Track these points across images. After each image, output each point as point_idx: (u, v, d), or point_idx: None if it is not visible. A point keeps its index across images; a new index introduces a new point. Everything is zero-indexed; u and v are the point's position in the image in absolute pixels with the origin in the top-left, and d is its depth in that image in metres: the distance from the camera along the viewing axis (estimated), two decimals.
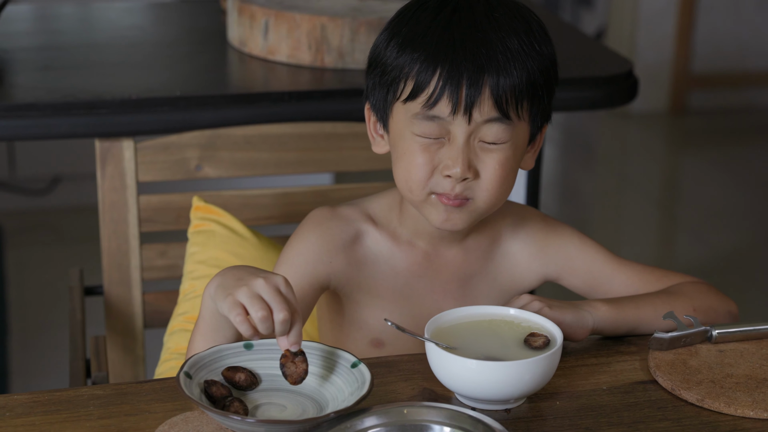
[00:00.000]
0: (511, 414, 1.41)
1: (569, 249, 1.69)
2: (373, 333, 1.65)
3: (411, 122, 1.52)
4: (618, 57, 2.33)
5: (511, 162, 1.54)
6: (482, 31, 1.50)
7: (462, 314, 1.48)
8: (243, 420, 1.29)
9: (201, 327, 1.46)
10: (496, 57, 1.48)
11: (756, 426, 1.40)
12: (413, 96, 1.50)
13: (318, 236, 1.62)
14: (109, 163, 2.02)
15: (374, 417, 1.32)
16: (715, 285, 1.70)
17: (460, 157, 1.50)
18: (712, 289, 1.67)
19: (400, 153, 1.55)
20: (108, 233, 2.06)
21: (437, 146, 1.52)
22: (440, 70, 1.48)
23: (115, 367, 2.12)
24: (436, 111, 1.49)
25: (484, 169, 1.52)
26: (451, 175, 1.51)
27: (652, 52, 5.41)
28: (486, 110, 1.49)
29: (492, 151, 1.52)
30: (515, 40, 1.50)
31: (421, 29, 1.51)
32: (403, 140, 1.54)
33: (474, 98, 1.48)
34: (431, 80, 1.48)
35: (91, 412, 1.39)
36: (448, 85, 1.48)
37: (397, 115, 1.55)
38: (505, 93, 1.49)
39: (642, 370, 1.52)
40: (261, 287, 1.35)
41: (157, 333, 2.14)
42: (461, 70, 1.47)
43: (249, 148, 2.05)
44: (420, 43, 1.50)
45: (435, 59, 1.48)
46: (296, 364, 1.37)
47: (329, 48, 2.18)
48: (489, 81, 1.48)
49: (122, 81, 2.13)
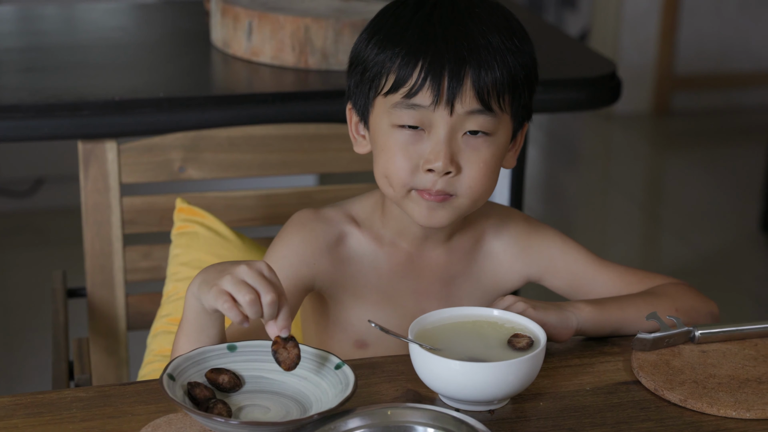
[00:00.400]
0: (495, 415, 1.41)
1: (552, 250, 1.69)
2: (357, 334, 1.65)
3: (390, 113, 1.52)
4: (601, 58, 2.33)
5: (495, 158, 1.55)
6: (463, 25, 1.50)
7: (445, 315, 1.48)
8: (226, 422, 1.29)
9: (185, 328, 1.46)
10: (477, 50, 1.49)
11: (738, 426, 1.40)
12: (395, 88, 1.51)
13: (302, 238, 1.62)
14: (92, 165, 2.02)
15: (358, 418, 1.32)
16: (698, 285, 1.71)
17: (442, 150, 1.50)
18: (693, 290, 1.68)
19: (379, 149, 1.56)
20: (91, 235, 2.05)
21: (417, 141, 1.52)
22: (422, 63, 1.48)
23: (98, 369, 2.11)
24: (417, 100, 1.49)
25: (467, 165, 1.52)
26: (433, 169, 1.50)
27: (636, 53, 5.43)
28: (468, 102, 1.49)
29: (476, 146, 1.52)
30: (496, 35, 1.51)
31: (401, 26, 1.52)
32: (382, 135, 1.54)
33: (456, 90, 1.48)
34: (413, 72, 1.49)
35: (74, 415, 1.39)
36: (430, 77, 1.48)
37: (378, 109, 1.55)
38: (487, 86, 1.49)
39: (625, 371, 1.53)
40: (245, 273, 1.36)
41: (141, 335, 2.14)
42: (443, 62, 1.48)
43: (232, 150, 2.05)
44: (400, 39, 1.51)
45: (416, 52, 1.49)
46: (288, 349, 1.37)
47: (313, 49, 2.18)
48: (471, 73, 1.48)
49: (105, 82, 2.13)
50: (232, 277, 1.36)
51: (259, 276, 1.36)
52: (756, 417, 1.42)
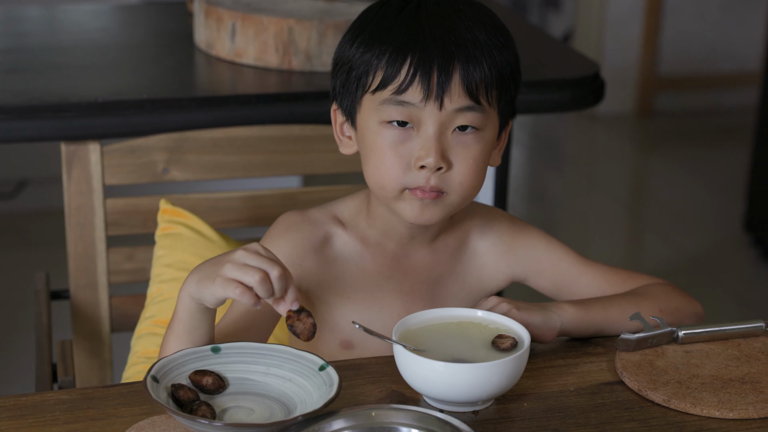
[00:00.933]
0: (479, 416, 1.41)
1: (536, 250, 1.70)
2: (343, 335, 1.65)
3: (379, 110, 1.52)
4: (585, 59, 2.33)
5: (484, 154, 1.55)
6: (450, 21, 1.51)
7: (430, 316, 1.48)
8: (210, 424, 1.29)
9: (176, 328, 1.45)
10: (465, 45, 1.50)
11: (722, 426, 1.41)
12: (383, 85, 1.51)
13: (288, 240, 1.62)
14: (76, 167, 2.02)
15: (342, 420, 1.32)
16: (682, 285, 1.71)
17: (433, 146, 1.50)
18: (677, 290, 1.68)
19: (368, 149, 1.55)
20: (74, 237, 2.05)
21: (407, 139, 1.52)
22: (411, 59, 1.49)
23: (81, 371, 2.11)
24: (406, 97, 1.50)
25: (457, 161, 1.52)
26: (425, 165, 1.50)
27: (619, 54, 5.44)
28: (457, 97, 1.50)
29: (466, 142, 1.52)
30: (483, 32, 1.52)
31: (386, 25, 1.52)
32: (371, 134, 1.54)
33: (445, 85, 1.48)
34: (402, 69, 1.49)
35: (58, 417, 1.38)
36: (419, 73, 1.48)
37: (365, 108, 1.55)
38: (475, 80, 1.50)
39: (609, 371, 1.53)
40: (244, 257, 1.37)
41: (125, 337, 2.13)
42: (432, 58, 1.48)
43: (216, 151, 2.05)
44: (386, 37, 1.51)
45: (405, 49, 1.49)
46: (302, 320, 1.39)
47: (297, 50, 2.18)
48: (459, 68, 1.49)
49: (88, 84, 2.12)
50: (233, 264, 1.37)
51: (258, 255, 1.38)
52: (739, 417, 1.42)
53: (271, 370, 1.42)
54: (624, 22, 5.41)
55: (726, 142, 5.27)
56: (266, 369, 1.42)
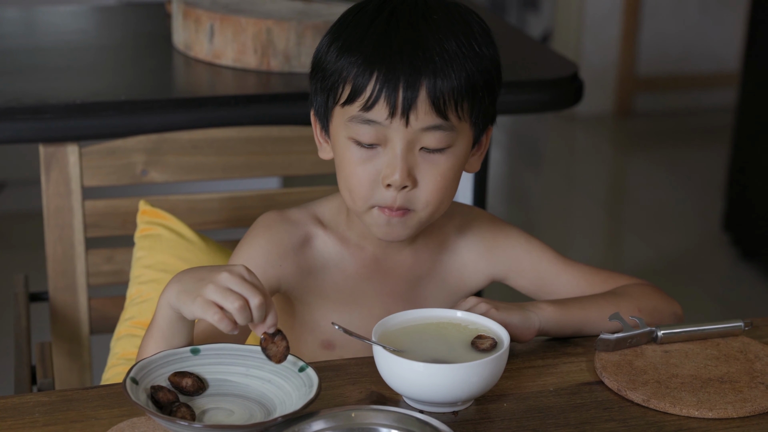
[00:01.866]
0: (459, 416, 1.42)
1: (516, 250, 1.70)
2: (324, 335, 1.65)
3: (347, 126, 1.52)
4: (563, 60, 2.34)
5: (453, 170, 1.54)
6: (419, 33, 1.49)
7: (409, 317, 1.49)
8: (190, 425, 1.29)
9: (154, 334, 1.45)
10: (433, 59, 1.48)
11: (701, 425, 1.41)
12: (351, 99, 1.50)
13: (268, 240, 1.62)
14: (54, 168, 2.01)
15: (322, 421, 1.32)
16: (661, 286, 1.72)
17: (398, 164, 1.50)
18: (657, 290, 1.69)
19: (339, 161, 1.56)
20: (53, 239, 2.04)
21: (375, 156, 1.52)
22: (377, 74, 1.48)
23: (61, 373, 2.10)
24: (373, 115, 1.49)
25: (423, 179, 1.52)
26: (390, 183, 1.50)
27: (598, 55, 5.45)
28: (423, 114, 1.48)
29: (434, 161, 1.52)
30: (453, 41, 1.50)
31: (359, 33, 1.51)
32: (341, 148, 1.54)
33: (411, 101, 1.47)
34: (368, 84, 1.48)
35: (37, 419, 1.38)
36: (384, 89, 1.47)
37: (336, 120, 1.54)
38: (443, 95, 1.48)
39: (588, 371, 1.53)
40: (227, 280, 1.35)
41: (104, 339, 2.13)
42: (397, 74, 1.47)
43: (195, 153, 2.05)
44: (358, 47, 1.50)
45: (371, 63, 1.48)
46: (276, 343, 1.38)
47: (275, 51, 2.18)
48: (426, 83, 1.48)
49: (67, 85, 2.12)
50: (216, 286, 1.35)
51: (242, 280, 1.35)
52: (718, 416, 1.42)
53: (251, 372, 1.42)
54: (602, 22, 5.42)
55: (704, 142, 5.28)
56: (246, 370, 1.42)
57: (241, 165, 2.08)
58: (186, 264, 1.97)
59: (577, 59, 5.34)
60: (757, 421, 1.43)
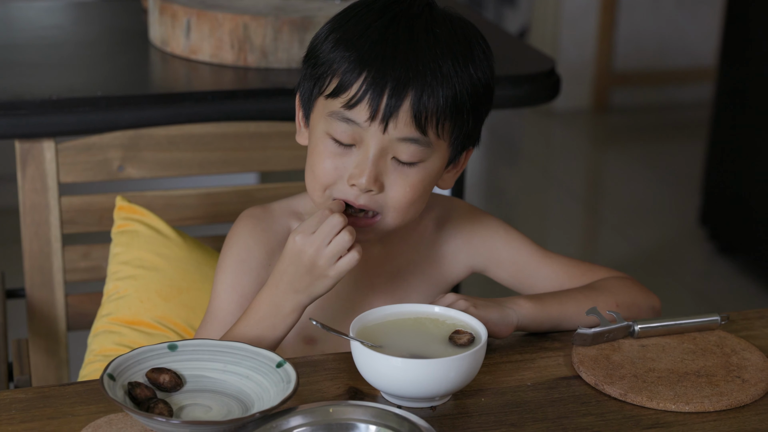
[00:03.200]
0: (437, 411, 1.42)
1: (495, 241, 1.70)
2: (305, 330, 1.64)
3: (327, 121, 1.51)
4: (540, 55, 2.34)
5: (424, 184, 1.53)
6: (417, 44, 1.48)
7: (387, 312, 1.49)
8: (168, 421, 1.28)
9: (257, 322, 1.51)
10: (424, 73, 1.47)
11: (678, 419, 1.42)
12: (335, 94, 1.49)
13: (256, 240, 1.62)
14: (30, 165, 2.00)
15: (300, 416, 1.32)
16: (638, 279, 1.72)
17: (368, 167, 1.49)
18: (636, 284, 1.69)
19: (312, 148, 1.56)
20: (29, 235, 2.03)
21: (347, 153, 1.51)
22: (365, 74, 1.47)
23: (38, 370, 2.10)
24: (353, 114, 1.48)
25: (391, 187, 1.52)
26: (356, 184, 1.50)
27: (575, 50, 5.46)
28: (402, 125, 1.48)
29: (404, 171, 1.51)
30: (449, 61, 1.48)
31: (359, 30, 1.50)
32: (316, 138, 1.54)
33: (393, 109, 1.47)
34: (355, 82, 1.48)
35: (13, 416, 1.37)
36: (370, 91, 1.47)
37: (317, 110, 1.54)
38: (426, 110, 1.47)
39: (566, 366, 1.54)
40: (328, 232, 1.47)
41: (81, 335, 2.12)
42: (386, 79, 1.46)
43: (172, 149, 2.04)
44: (354, 43, 1.49)
45: (363, 62, 1.47)
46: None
47: (252, 47, 2.17)
48: (412, 95, 1.46)
49: (42, 81, 2.11)
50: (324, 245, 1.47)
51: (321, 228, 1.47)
52: (695, 410, 1.43)
53: (229, 368, 1.42)
54: (579, 17, 5.43)
55: (681, 136, 5.30)
56: (223, 366, 1.42)
57: (218, 161, 2.07)
58: (163, 260, 1.96)
59: (554, 54, 5.35)
60: (734, 414, 1.43)
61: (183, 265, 1.96)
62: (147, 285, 1.95)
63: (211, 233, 2.15)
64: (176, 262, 1.97)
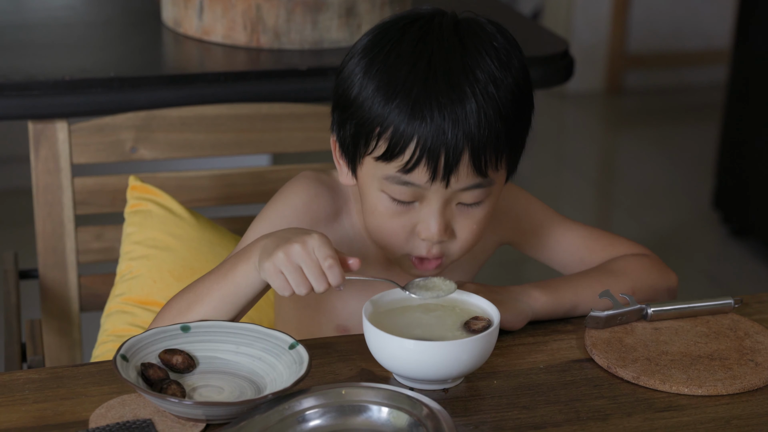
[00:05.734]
0: (449, 393, 1.42)
1: (517, 209, 1.68)
2: (338, 319, 1.63)
3: (382, 183, 1.47)
4: (554, 37, 2.33)
5: (489, 214, 1.52)
6: (461, 91, 1.42)
7: (400, 297, 1.48)
8: (180, 402, 1.29)
9: (225, 293, 1.46)
10: (477, 130, 1.42)
11: (691, 402, 1.41)
12: (387, 158, 1.45)
13: (304, 202, 1.59)
14: (43, 146, 2.00)
15: (312, 398, 1.32)
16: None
17: (437, 221, 1.47)
18: (654, 263, 1.67)
19: (369, 207, 1.51)
20: (42, 216, 2.04)
21: (410, 209, 1.48)
22: (417, 139, 1.42)
23: (51, 351, 2.10)
24: (412, 178, 1.44)
25: (461, 231, 1.50)
26: (427, 238, 1.48)
27: (588, 32, 5.44)
28: (464, 177, 1.44)
29: (470, 212, 1.50)
30: (496, 106, 1.43)
31: (398, 82, 1.43)
32: (371, 197, 1.50)
33: (452, 166, 1.43)
34: (406, 149, 1.43)
35: (27, 396, 1.38)
36: (426, 154, 1.42)
37: (367, 168, 1.49)
38: (485, 156, 1.44)
39: (578, 349, 1.53)
40: (299, 255, 1.38)
41: (94, 316, 2.12)
42: (439, 144, 1.41)
43: (185, 130, 2.04)
44: (395, 98, 1.42)
45: (410, 127, 1.41)
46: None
47: (265, 28, 2.17)
48: (468, 152, 1.43)
49: (55, 62, 2.11)
50: (287, 258, 1.38)
51: (312, 262, 1.38)
52: (708, 393, 1.43)
53: (241, 349, 1.42)
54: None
55: (695, 119, 5.29)
56: (236, 348, 1.42)
57: (230, 142, 2.07)
58: (176, 240, 1.96)
59: (567, 36, 5.33)
60: (747, 398, 1.43)
61: (196, 245, 1.96)
62: (160, 265, 1.95)
63: (224, 215, 2.15)
64: (189, 242, 1.97)
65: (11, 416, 1.34)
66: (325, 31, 2.17)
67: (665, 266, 1.69)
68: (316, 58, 2.12)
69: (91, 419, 1.33)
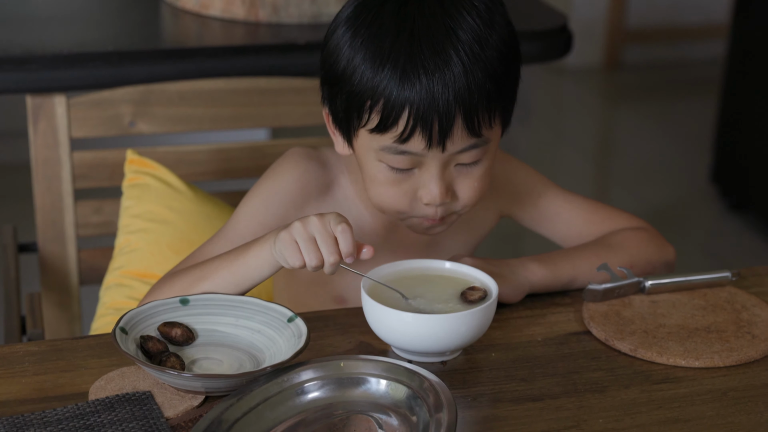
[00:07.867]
0: (448, 366, 1.42)
1: (516, 181, 1.69)
2: (336, 290, 1.64)
3: (378, 153, 1.47)
4: (552, 11, 2.33)
5: (489, 168, 1.52)
6: (444, 52, 1.42)
7: (398, 268, 1.48)
8: (179, 374, 1.29)
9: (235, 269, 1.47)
10: (466, 86, 1.42)
11: (687, 374, 1.42)
12: (381, 130, 1.45)
13: (296, 178, 1.60)
14: (42, 120, 2.00)
15: (311, 370, 1.32)
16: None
17: (437, 185, 1.47)
18: (652, 237, 1.67)
19: (369, 177, 1.51)
20: (41, 190, 2.04)
21: (409, 176, 1.49)
22: (409, 108, 1.42)
23: (50, 324, 2.11)
24: (408, 147, 1.45)
25: (463, 190, 1.50)
26: (429, 202, 1.49)
27: (587, 6, 5.43)
28: (459, 140, 1.44)
29: (470, 171, 1.50)
30: (483, 66, 1.43)
31: (384, 50, 1.42)
32: (369, 166, 1.50)
33: (447, 130, 1.43)
34: (400, 118, 1.43)
35: (27, 369, 1.38)
36: (419, 124, 1.42)
37: (362, 140, 1.49)
38: (477, 117, 1.44)
39: (576, 322, 1.54)
40: (314, 226, 1.39)
41: (93, 290, 2.13)
42: (431, 111, 1.41)
43: (183, 104, 2.04)
44: (383, 67, 1.42)
45: (401, 94, 1.41)
46: None
47: (263, 2, 2.16)
48: (460, 111, 1.43)
49: (54, 36, 2.10)
50: (304, 229, 1.40)
51: (328, 235, 1.39)
52: (704, 365, 1.43)
53: (240, 322, 1.42)
54: None
55: (693, 94, 5.28)
56: (235, 321, 1.42)
57: (228, 116, 2.07)
58: (174, 213, 1.96)
59: (566, 10, 5.32)
60: (743, 370, 1.43)
61: (194, 219, 1.97)
62: (158, 238, 1.95)
63: (222, 189, 2.15)
64: (187, 216, 1.97)
65: (11, 389, 1.35)
66: (323, 5, 2.17)
67: (663, 240, 1.69)
68: (314, 33, 2.12)
69: (91, 391, 1.33)
